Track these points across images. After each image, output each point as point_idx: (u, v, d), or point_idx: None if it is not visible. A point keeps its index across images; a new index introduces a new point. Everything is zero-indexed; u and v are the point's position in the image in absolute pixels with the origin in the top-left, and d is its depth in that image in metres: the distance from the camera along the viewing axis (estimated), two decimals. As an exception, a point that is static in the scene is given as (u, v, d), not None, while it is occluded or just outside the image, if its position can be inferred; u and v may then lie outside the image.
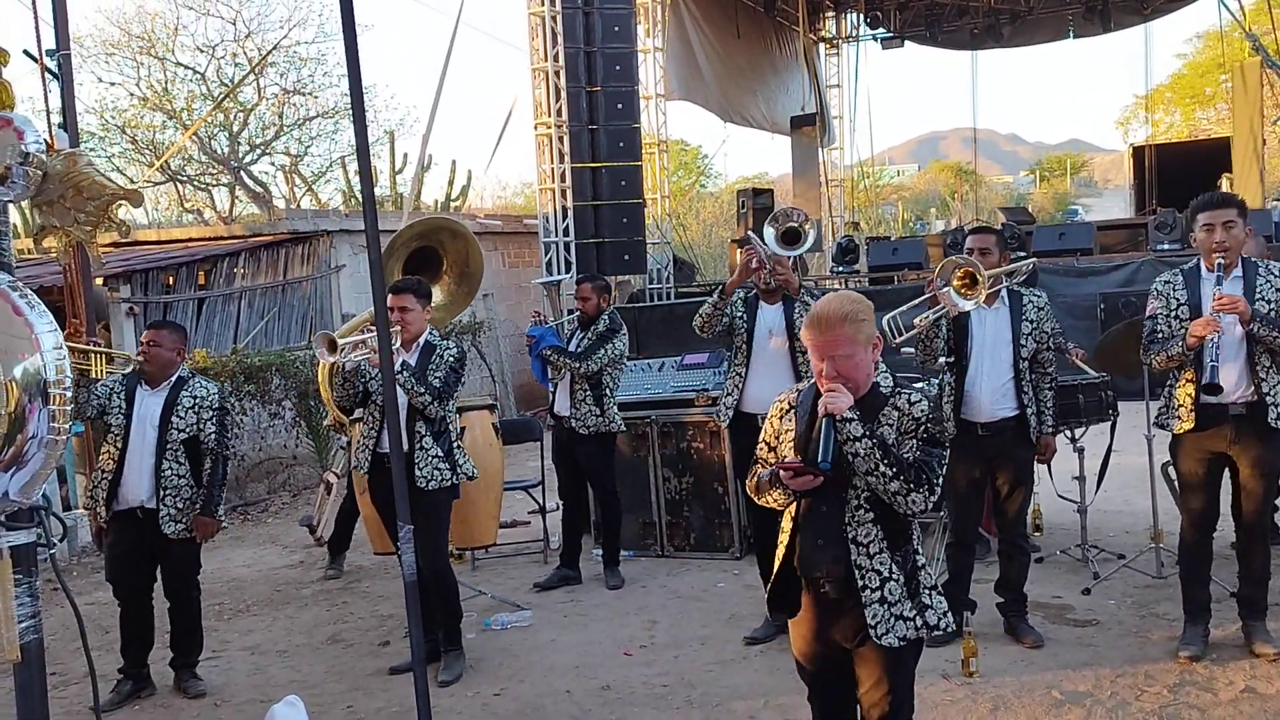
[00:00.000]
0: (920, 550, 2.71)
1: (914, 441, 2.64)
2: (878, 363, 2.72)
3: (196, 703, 4.55)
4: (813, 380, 2.75)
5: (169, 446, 4.50)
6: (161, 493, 4.48)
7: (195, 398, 4.56)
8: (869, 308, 2.68)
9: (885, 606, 2.59)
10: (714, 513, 6.17)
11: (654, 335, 10.51)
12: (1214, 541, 4.23)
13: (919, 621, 2.61)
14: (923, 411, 2.67)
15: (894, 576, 2.61)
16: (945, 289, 4.22)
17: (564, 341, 5.92)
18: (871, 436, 2.57)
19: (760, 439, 2.87)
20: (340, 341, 4.69)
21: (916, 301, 4.66)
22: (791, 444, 2.75)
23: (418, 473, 4.53)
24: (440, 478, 4.60)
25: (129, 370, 4.63)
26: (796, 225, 4.69)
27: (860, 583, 2.59)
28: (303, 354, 9.65)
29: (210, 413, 4.58)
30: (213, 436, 4.58)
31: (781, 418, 2.82)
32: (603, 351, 5.71)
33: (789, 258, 4.70)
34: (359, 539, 7.22)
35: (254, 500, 9.17)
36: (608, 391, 5.78)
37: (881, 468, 2.56)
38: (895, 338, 4.77)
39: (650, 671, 4.50)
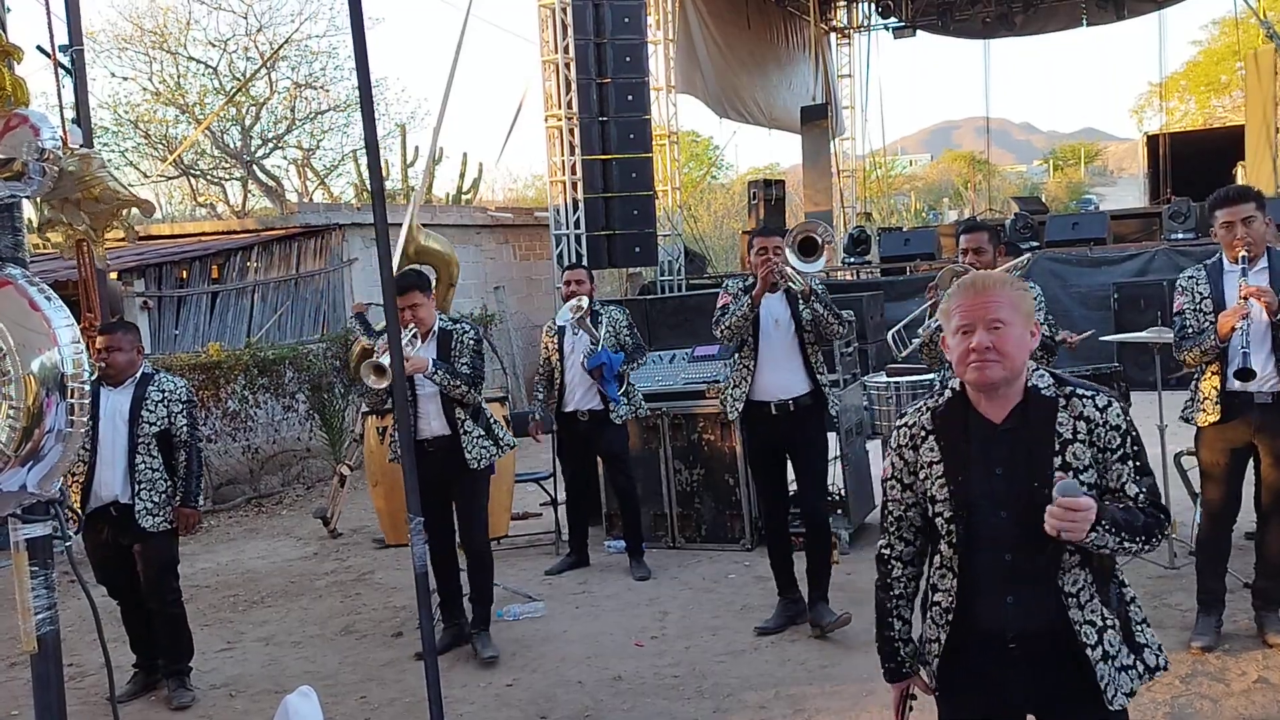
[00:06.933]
0: (1125, 580, 2.24)
1: (1123, 467, 2.12)
2: (1029, 363, 2.20)
3: (210, 694, 4.58)
4: (938, 393, 2.29)
5: (141, 440, 4.46)
6: (136, 487, 4.44)
7: (163, 392, 4.53)
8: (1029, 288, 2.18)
9: (1109, 663, 2.12)
10: (725, 504, 6.18)
11: (665, 327, 10.51)
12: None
13: (1140, 667, 2.16)
14: (1119, 417, 2.12)
15: (1109, 623, 2.15)
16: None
17: (596, 345, 5.90)
18: (1115, 533, 2.02)
19: (887, 477, 2.31)
20: (384, 363, 4.63)
21: (918, 310, 4.68)
22: (941, 480, 2.18)
23: (468, 456, 4.73)
24: (488, 456, 4.80)
25: (92, 376, 4.57)
26: (814, 236, 4.62)
27: (1080, 640, 2.11)
28: (315, 347, 9.69)
29: (180, 405, 4.55)
30: (185, 429, 4.56)
31: (916, 448, 2.24)
32: (640, 337, 6.13)
33: (805, 274, 4.61)
34: (373, 529, 7.26)
35: (268, 493, 9.22)
36: (630, 378, 6.10)
37: (1126, 544, 2.06)
38: (901, 350, 4.78)
39: (661, 662, 4.52)
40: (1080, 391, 2.14)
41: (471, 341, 4.80)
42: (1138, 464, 2.13)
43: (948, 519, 2.18)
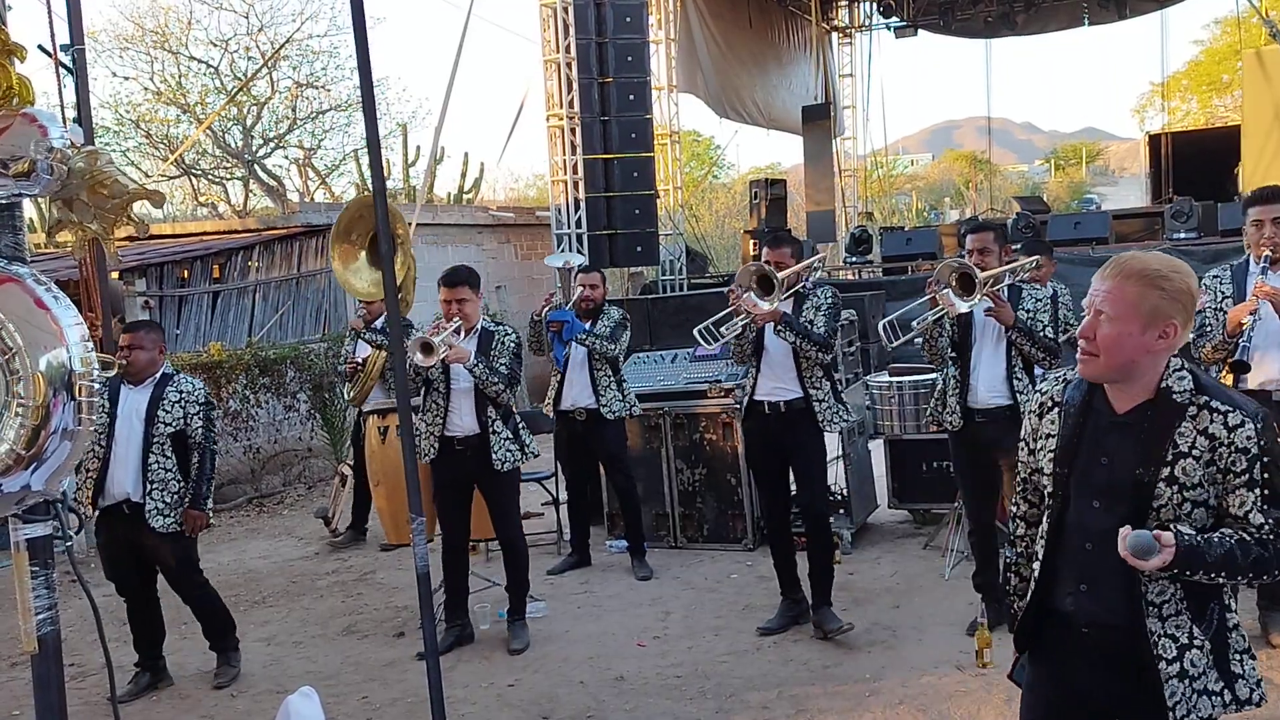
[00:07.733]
0: (1231, 605, 2.13)
1: (1248, 494, 1.99)
2: (1172, 363, 2.06)
3: (212, 694, 4.58)
4: (1073, 368, 2.21)
5: (155, 440, 4.48)
6: (148, 486, 4.46)
7: (181, 393, 4.55)
8: (1181, 288, 2.02)
9: (1186, 681, 2.05)
10: (727, 504, 6.18)
11: (667, 327, 10.50)
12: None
13: (1227, 696, 2.08)
14: (1249, 440, 1.98)
15: (1196, 643, 2.06)
16: (944, 290, 4.26)
17: (566, 304, 5.99)
18: (1202, 573, 1.97)
19: (1020, 438, 2.31)
20: (436, 341, 4.60)
21: (917, 302, 4.66)
22: (1050, 454, 2.18)
23: (494, 456, 4.75)
24: (513, 459, 4.81)
25: (112, 373, 4.59)
26: (769, 275, 4.57)
27: (1155, 652, 2.05)
28: (317, 347, 9.69)
29: (196, 407, 4.58)
30: (199, 431, 4.58)
31: (1041, 416, 2.23)
32: (625, 335, 5.98)
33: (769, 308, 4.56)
34: (374, 529, 7.26)
35: (269, 492, 9.22)
36: (624, 376, 6.02)
37: (1220, 581, 2.02)
38: (892, 340, 4.78)
39: (664, 662, 4.52)
40: (1215, 404, 2.01)
41: (513, 344, 4.85)
42: (1267, 491, 1.99)
43: (1048, 493, 2.19)
